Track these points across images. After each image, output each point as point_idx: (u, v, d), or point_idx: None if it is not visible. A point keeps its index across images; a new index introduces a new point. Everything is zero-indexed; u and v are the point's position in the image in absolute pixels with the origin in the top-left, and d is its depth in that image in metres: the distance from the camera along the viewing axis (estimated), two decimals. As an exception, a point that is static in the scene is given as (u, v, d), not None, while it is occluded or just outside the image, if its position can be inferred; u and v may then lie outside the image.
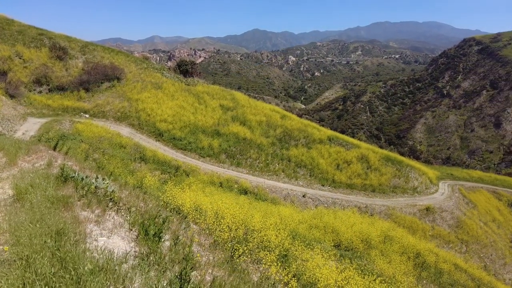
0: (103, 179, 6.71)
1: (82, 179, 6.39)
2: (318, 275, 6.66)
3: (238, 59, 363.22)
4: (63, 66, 35.33)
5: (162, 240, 4.72)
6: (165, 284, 3.64)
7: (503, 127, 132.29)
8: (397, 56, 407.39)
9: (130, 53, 66.57)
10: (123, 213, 5.64)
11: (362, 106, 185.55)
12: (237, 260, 5.83)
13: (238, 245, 6.32)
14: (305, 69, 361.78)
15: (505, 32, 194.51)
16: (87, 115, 29.18)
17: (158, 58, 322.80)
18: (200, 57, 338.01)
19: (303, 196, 24.84)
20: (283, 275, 6.07)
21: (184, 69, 43.65)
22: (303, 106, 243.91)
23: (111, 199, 5.95)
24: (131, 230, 5.02)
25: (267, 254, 6.69)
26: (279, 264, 6.55)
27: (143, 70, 39.09)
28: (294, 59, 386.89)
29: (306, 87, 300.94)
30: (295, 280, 6.01)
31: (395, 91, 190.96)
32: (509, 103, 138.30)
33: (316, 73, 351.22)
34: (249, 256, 6.52)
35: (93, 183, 6.22)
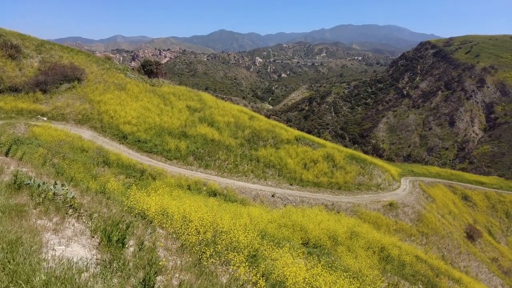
0: (62, 185, 6.36)
1: (39, 185, 6.02)
2: (287, 273, 6.74)
3: (205, 59, 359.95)
4: (16, 66, 33.18)
5: (126, 246, 4.55)
6: (129, 292, 3.51)
7: (457, 125, 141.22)
8: (360, 58, 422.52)
9: (92, 53, 63.87)
10: (84, 220, 5.38)
11: (327, 106, 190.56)
12: (205, 263, 5.76)
13: (206, 248, 6.24)
14: (272, 70, 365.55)
15: (456, 37, 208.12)
16: (44, 118, 27.60)
17: (121, 58, 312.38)
18: (165, 57, 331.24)
19: (272, 195, 25.05)
20: (251, 275, 6.07)
21: (149, 70, 42.54)
22: (271, 107, 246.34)
23: (71, 205, 5.66)
24: (93, 237, 4.79)
25: (236, 255, 6.66)
26: (248, 265, 6.55)
27: (106, 71, 37.64)
28: (261, 60, 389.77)
29: (273, 88, 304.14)
30: (264, 280, 6.03)
31: (358, 91, 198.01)
32: (461, 103, 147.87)
33: (282, 75, 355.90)
34: (217, 258, 6.46)
35: (51, 189, 5.88)
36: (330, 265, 9.20)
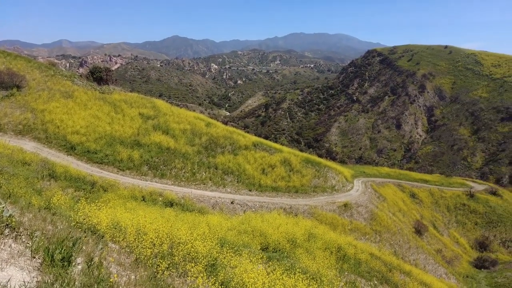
0: (-2, 202, 5.76)
1: (-32, 204, 5.40)
2: (246, 280, 6.68)
3: (158, 65, 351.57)
4: None
5: (73, 264, 4.22)
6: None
7: (403, 128, 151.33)
8: (312, 65, 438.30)
9: (33, 58, 59.38)
10: (24, 240, 4.91)
11: (283, 112, 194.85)
12: (161, 276, 5.52)
13: (162, 260, 6.00)
14: (227, 77, 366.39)
15: (399, 45, 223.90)
16: (-23, 129, 25.06)
17: (67, 65, 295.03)
18: (116, 63, 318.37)
19: (232, 202, 24.89)
20: (210, 284, 5.94)
21: (98, 76, 40.51)
22: (228, 113, 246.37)
23: (7, 225, 5.14)
24: (34, 257, 4.39)
25: (194, 266, 6.48)
26: (207, 274, 6.40)
27: (50, 78, 35.19)
28: (216, 67, 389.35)
29: (229, 94, 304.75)
30: (224, 288, 5.94)
31: (312, 98, 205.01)
32: (406, 107, 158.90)
33: (238, 81, 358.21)
34: (175, 270, 6.23)
35: (-18, 208, 5.29)
36: (289, 268, 9.30)
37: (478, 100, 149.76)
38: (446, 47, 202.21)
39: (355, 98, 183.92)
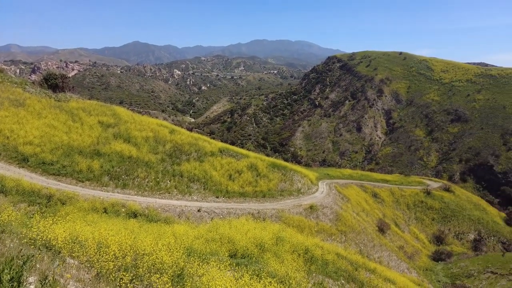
0: None
1: None
2: (214, 287, 6.58)
3: (119, 72, 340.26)
4: None
5: (24, 284, 3.91)
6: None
7: (363, 130, 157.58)
8: (275, 72, 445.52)
9: (-22, 65, 55.10)
10: (-33, 261, 4.49)
11: (248, 118, 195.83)
12: (124, 290, 5.28)
13: (125, 273, 5.74)
14: (191, 83, 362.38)
15: (358, 52, 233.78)
16: None
17: (18, 71, 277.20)
18: (73, 70, 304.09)
19: (198, 210, 24.47)
20: (176, 295, 5.77)
21: (53, 83, 38.35)
22: (193, 120, 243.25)
23: None
24: (-20, 280, 4.02)
25: (159, 277, 6.27)
26: (173, 285, 6.22)
27: (-3, 85, 32.78)
28: (179, 73, 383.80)
29: (194, 100, 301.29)
30: (191, 299, 5.78)
31: (276, 103, 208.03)
32: (365, 110, 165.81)
33: (203, 87, 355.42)
34: (139, 283, 5.99)
35: None
36: (257, 273, 9.28)
37: (431, 103, 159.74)
38: (400, 53, 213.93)
39: (317, 103, 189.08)
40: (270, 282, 7.96)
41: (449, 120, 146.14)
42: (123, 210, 20.97)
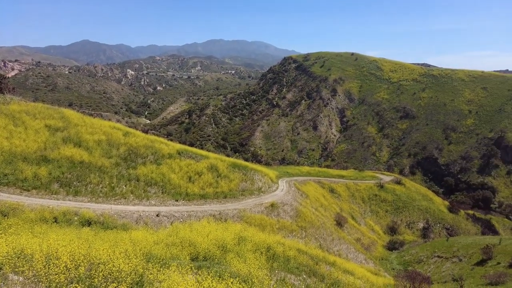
0: None
1: None
2: (175, 292, 6.40)
3: (67, 72, 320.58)
4: None
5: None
6: None
7: (319, 129, 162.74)
8: (233, 72, 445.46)
9: None
10: None
11: (207, 118, 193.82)
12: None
13: (78, 285, 5.38)
14: (146, 83, 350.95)
15: (312, 53, 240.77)
16: None
17: None
18: (13, 69, 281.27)
19: (157, 215, 23.73)
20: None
21: (-10, 85, 35.17)
22: (149, 121, 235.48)
23: None
24: None
25: (116, 286, 5.96)
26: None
27: None
28: (133, 73, 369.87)
29: (149, 101, 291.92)
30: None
31: (235, 103, 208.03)
32: (321, 110, 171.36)
33: (158, 88, 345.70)
34: (94, 295, 5.65)
35: None
36: (220, 274, 9.19)
37: (381, 101, 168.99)
38: (352, 54, 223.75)
39: (275, 103, 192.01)
40: (233, 282, 7.92)
41: (398, 117, 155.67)
42: (76, 218, 19.74)
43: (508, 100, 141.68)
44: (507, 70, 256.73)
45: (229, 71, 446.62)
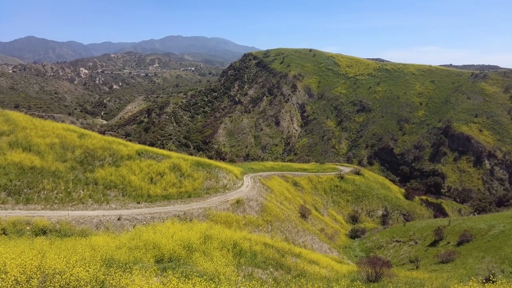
0: None
1: None
2: (139, 297, 6.21)
3: (11, 71, 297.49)
4: None
5: None
6: None
7: (281, 124, 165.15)
8: (193, 69, 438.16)
9: None
10: None
11: (168, 117, 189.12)
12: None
13: (31, 299, 5.04)
14: (101, 82, 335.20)
15: (272, 49, 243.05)
16: None
17: None
18: None
19: (118, 219, 22.83)
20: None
21: None
22: (105, 122, 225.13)
23: None
24: None
25: (75, 296, 5.66)
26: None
27: None
28: (86, 71, 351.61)
29: (105, 101, 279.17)
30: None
31: (196, 101, 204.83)
32: (282, 105, 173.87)
33: (114, 86, 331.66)
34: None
35: None
36: (186, 274, 9.05)
37: (339, 96, 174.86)
38: (310, 50, 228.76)
39: (237, 99, 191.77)
40: (200, 281, 7.84)
41: (355, 110, 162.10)
42: (28, 228, 18.46)
43: (453, 92, 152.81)
44: (451, 64, 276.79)
45: (189, 68, 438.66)
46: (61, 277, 6.57)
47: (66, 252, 9.93)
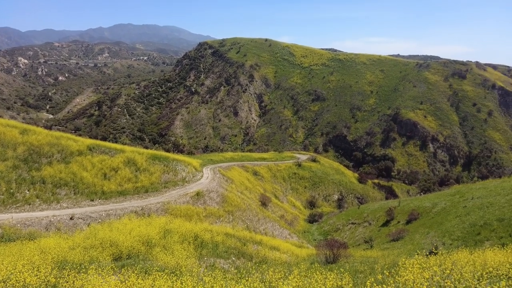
0: None
1: None
2: (96, 297, 5.95)
3: None
4: None
5: None
6: None
7: (239, 114, 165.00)
8: (145, 58, 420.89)
9: None
10: None
11: (120, 109, 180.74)
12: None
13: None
14: (44, 73, 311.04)
15: (228, 38, 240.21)
16: None
17: None
18: None
19: (71, 218, 21.58)
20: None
21: None
22: (52, 116, 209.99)
23: None
24: None
25: (23, 303, 5.28)
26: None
27: None
28: (26, 61, 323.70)
29: (50, 93, 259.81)
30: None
31: (150, 91, 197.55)
32: (240, 96, 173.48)
33: (60, 77, 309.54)
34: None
35: None
36: (146, 270, 8.82)
37: (295, 85, 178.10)
38: (266, 40, 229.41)
39: (193, 90, 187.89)
40: (160, 275, 7.68)
41: (311, 100, 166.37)
42: (-36, 235, 16.84)
43: (400, 81, 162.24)
44: (398, 54, 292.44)
45: (141, 58, 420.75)
46: (6, 284, 6.08)
47: (11, 258, 9.21)
